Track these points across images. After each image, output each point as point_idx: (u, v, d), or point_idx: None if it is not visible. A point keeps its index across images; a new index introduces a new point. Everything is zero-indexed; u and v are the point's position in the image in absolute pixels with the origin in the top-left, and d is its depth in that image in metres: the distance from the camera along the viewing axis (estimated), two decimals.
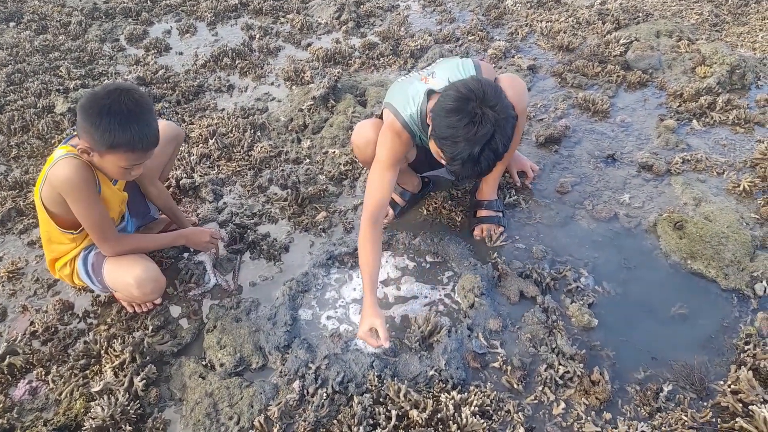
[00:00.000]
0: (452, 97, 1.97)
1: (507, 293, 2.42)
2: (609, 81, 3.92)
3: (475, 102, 1.92)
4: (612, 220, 2.77)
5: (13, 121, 3.76)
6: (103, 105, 1.91)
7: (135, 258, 2.25)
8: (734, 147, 3.23)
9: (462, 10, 5.33)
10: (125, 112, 1.92)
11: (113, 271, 2.23)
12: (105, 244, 2.20)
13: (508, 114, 1.96)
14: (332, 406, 2.00)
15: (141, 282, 2.18)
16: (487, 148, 1.94)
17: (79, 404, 2.04)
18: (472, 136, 1.92)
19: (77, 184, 2.00)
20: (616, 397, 2.01)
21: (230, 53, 4.65)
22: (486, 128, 1.91)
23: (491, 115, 1.91)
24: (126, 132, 1.93)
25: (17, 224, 2.99)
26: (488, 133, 1.91)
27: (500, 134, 1.94)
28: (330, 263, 2.64)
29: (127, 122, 1.93)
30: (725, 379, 2.02)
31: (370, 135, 2.46)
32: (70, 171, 1.98)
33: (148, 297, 2.28)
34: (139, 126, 1.96)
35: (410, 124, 2.28)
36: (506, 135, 1.96)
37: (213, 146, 3.48)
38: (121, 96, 1.93)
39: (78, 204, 2.05)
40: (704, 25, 4.66)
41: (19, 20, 5.63)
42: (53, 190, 2.05)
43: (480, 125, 1.91)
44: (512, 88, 2.23)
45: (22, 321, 2.46)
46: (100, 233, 2.16)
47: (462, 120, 1.93)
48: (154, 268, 2.26)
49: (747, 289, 2.37)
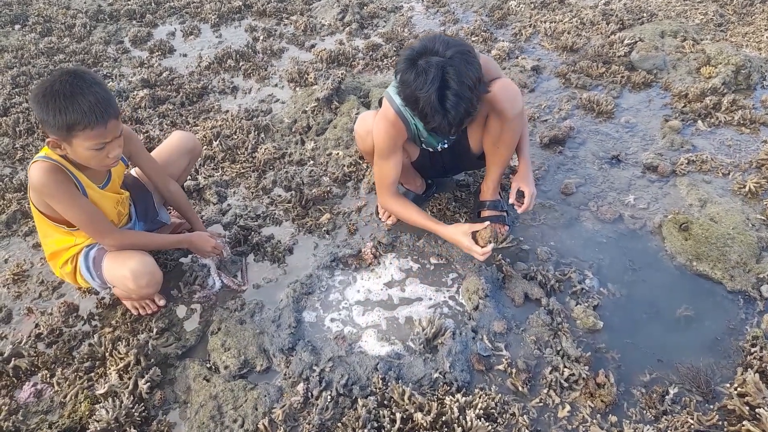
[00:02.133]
0: (402, 62, 2.00)
1: (512, 295, 2.41)
2: (613, 81, 3.91)
3: (422, 58, 1.94)
4: (617, 222, 2.76)
5: (18, 123, 3.77)
6: (46, 87, 1.88)
7: (132, 252, 2.24)
8: (740, 147, 3.22)
9: (465, 11, 5.33)
10: (68, 88, 1.88)
11: (110, 264, 2.23)
12: (103, 238, 2.20)
13: (456, 52, 1.92)
14: (336, 409, 2.00)
15: (136, 275, 2.17)
16: (445, 89, 1.91)
17: (83, 407, 2.04)
18: (422, 85, 1.92)
19: (49, 187, 1.99)
20: (622, 400, 2.00)
21: (234, 55, 4.66)
22: (431, 73, 1.90)
23: (435, 61, 1.90)
24: (75, 107, 1.87)
25: (22, 226, 3.00)
26: (436, 75, 1.89)
27: (452, 72, 1.90)
28: (334, 265, 2.64)
29: (72, 97, 1.87)
30: (732, 382, 2.01)
31: (371, 125, 2.49)
32: (40, 175, 1.97)
33: (144, 290, 2.25)
34: (87, 98, 1.88)
35: (403, 111, 2.28)
36: (460, 71, 1.91)
37: (217, 148, 3.48)
38: (62, 75, 1.90)
39: (60, 205, 2.04)
40: (709, 25, 4.65)
41: (24, 23, 5.65)
42: (36, 195, 2.06)
43: (425, 73, 1.91)
44: (504, 91, 2.21)
45: (27, 323, 2.46)
46: (92, 229, 2.15)
47: (411, 77, 1.95)
48: (151, 262, 2.25)
49: (753, 290, 2.35)
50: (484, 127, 2.43)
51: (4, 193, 3.22)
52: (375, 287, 2.51)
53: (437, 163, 2.69)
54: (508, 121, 2.30)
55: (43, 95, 1.88)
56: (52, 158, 2.02)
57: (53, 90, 1.87)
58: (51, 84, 1.89)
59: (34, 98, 1.91)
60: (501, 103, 2.22)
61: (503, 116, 2.28)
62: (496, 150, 2.47)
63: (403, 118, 2.30)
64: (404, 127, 2.32)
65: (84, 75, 1.94)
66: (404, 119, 2.30)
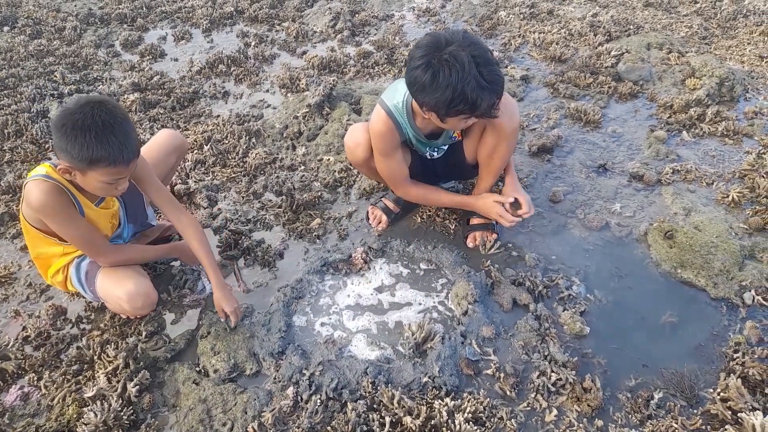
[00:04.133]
0: (422, 69, 1.96)
1: (500, 301, 2.44)
2: (600, 92, 3.98)
3: (438, 55, 1.92)
4: (603, 229, 2.81)
5: (6, 125, 3.75)
6: (76, 120, 1.81)
7: (127, 272, 2.23)
8: (723, 158, 3.28)
9: (456, 20, 5.39)
10: (100, 125, 1.83)
11: (105, 283, 2.22)
12: (98, 257, 2.20)
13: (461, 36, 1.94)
14: (326, 413, 2.00)
15: (132, 297, 2.17)
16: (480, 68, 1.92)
17: (71, 410, 2.03)
18: (462, 75, 1.90)
19: (50, 208, 1.96)
20: (608, 404, 2.02)
21: (225, 60, 4.67)
22: (463, 61, 1.89)
23: (455, 50, 1.90)
24: (104, 145, 1.83)
25: (10, 229, 2.98)
26: (469, 60, 1.89)
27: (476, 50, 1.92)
28: (324, 270, 2.65)
29: (103, 135, 1.83)
30: (715, 387, 2.05)
31: (360, 137, 2.52)
32: (39, 195, 1.93)
33: (139, 312, 2.27)
34: (117, 138, 1.86)
35: (394, 113, 2.33)
36: (480, 47, 1.93)
37: (208, 152, 3.48)
38: (93, 109, 1.84)
39: (57, 226, 2.02)
40: (694, 38, 4.75)
41: (13, 25, 5.62)
42: (31, 212, 2.02)
43: (457, 63, 1.90)
44: (503, 106, 2.22)
45: (15, 326, 2.44)
46: (89, 248, 2.15)
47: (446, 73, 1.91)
48: (146, 284, 2.25)
49: (736, 298, 2.40)
50: (480, 138, 2.47)
51: None
52: (365, 292, 2.53)
53: (430, 171, 2.72)
54: (505, 135, 2.35)
55: (72, 128, 1.81)
56: (53, 178, 1.99)
57: (84, 124, 1.81)
58: (81, 117, 1.82)
59: (60, 128, 1.83)
60: (499, 118, 2.26)
61: (500, 130, 2.33)
62: (490, 161, 2.51)
63: (394, 119, 2.34)
64: (394, 127, 2.36)
65: (115, 112, 1.89)
66: (395, 121, 2.34)
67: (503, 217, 2.48)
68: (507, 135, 2.34)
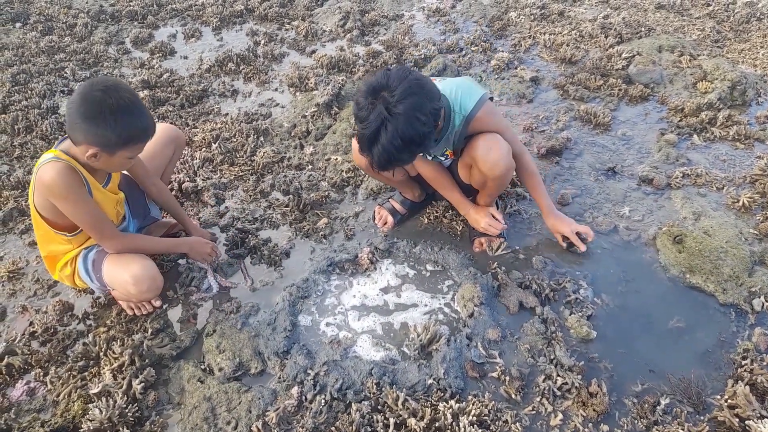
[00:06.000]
0: (364, 86, 2.03)
1: (506, 303, 2.42)
2: (611, 94, 3.95)
3: (377, 94, 1.96)
4: (612, 233, 2.79)
5: (17, 121, 3.77)
6: (111, 104, 1.90)
7: (134, 256, 2.25)
8: (734, 162, 3.25)
9: (466, 20, 5.38)
10: (129, 105, 1.95)
11: (111, 268, 2.24)
12: (106, 241, 2.21)
13: (406, 108, 1.92)
14: (330, 413, 2.00)
15: (138, 279, 2.19)
16: (377, 136, 1.96)
17: (77, 406, 2.04)
18: (363, 120, 1.98)
19: (63, 187, 1.99)
20: (614, 410, 2.01)
21: (235, 58, 4.68)
22: (371, 119, 1.95)
23: (380, 109, 1.93)
24: (139, 122, 1.98)
25: (19, 224, 3.00)
26: (375, 122, 1.94)
27: (390, 127, 1.93)
28: (330, 270, 2.64)
29: (137, 113, 1.97)
30: (722, 394, 2.03)
31: None
32: (53, 174, 1.97)
33: (145, 295, 2.27)
34: (145, 113, 2.01)
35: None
36: (396, 129, 1.92)
37: (216, 150, 3.49)
38: (118, 91, 1.94)
39: (68, 206, 2.05)
40: (706, 41, 4.71)
41: (25, 21, 5.66)
42: (42, 196, 2.05)
43: (368, 112, 1.96)
44: (486, 155, 2.27)
45: (22, 321, 2.46)
46: (98, 231, 2.17)
47: (362, 103, 1.99)
48: (152, 267, 2.26)
49: (745, 304, 2.38)
50: (470, 170, 2.50)
51: (1, 190, 3.22)
52: (371, 292, 2.52)
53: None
54: (490, 179, 2.38)
55: (110, 112, 1.90)
56: (63, 159, 2.02)
57: (119, 107, 1.91)
58: (114, 102, 1.90)
59: (96, 116, 1.90)
60: (480, 164, 2.30)
61: (485, 175, 2.35)
62: (483, 190, 2.56)
63: None
64: None
65: (129, 89, 2.01)
66: None
67: (492, 226, 2.55)
68: (491, 180, 2.38)
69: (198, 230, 2.70)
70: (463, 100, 2.25)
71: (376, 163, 2.04)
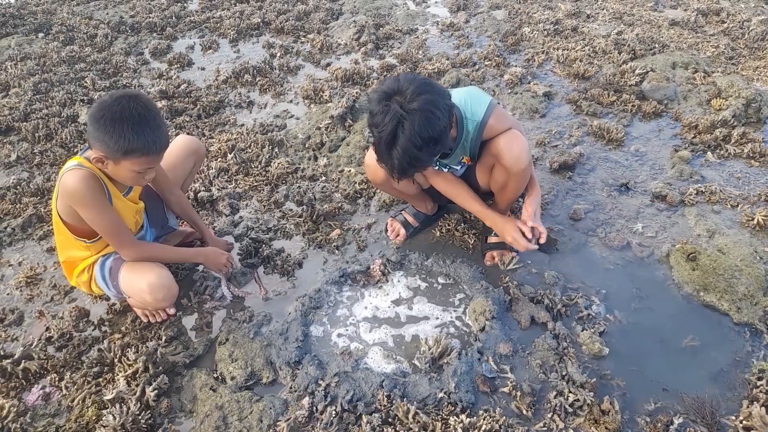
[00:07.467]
0: (376, 93, 2.04)
1: (518, 318, 2.42)
2: (624, 110, 3.96)
3: (391, 98, 1.97)
4: (624, 249, 2.78)
5: (37, 129, 3.85)
6: (115, 112, 1.94)
7: (150, 265, 2.29)
8: (749, 180, 3.24)
9: (479, 35, 5.41)
10: (137, 117, 1.96)
11: (128, 276, 2.27)
12: (123, 249, 2.25)
13: (420, 105, 1.93)
14: (341, 425, 2.01)
15: (154, 288, 2.22)
16: (395, 139, 1.96)
17: (91, 411, 2.06)
18: (379, 124, 1.98)
19: (85, 194, 2.03)
20: (626, 428, 2.00)
21: (251, 70, 4.74)
22: (387, 121, 1.95)
23: (395, 109, 1.94)
24: (140, 136, 1.96)
25: (37, 230, 3.05)
26: (391, 122, 1.94)
27: (407, 126, 1.93)
28: (342, 281, 2.66)
29: (139, 127, 1.96)
30: (737, 414, 2.01)
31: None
32: (76, 181, 2.02)
33: (160, 304, 2.30)
34: (151, 129, 1.99)
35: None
36: (414, 128, 1.93)
37: (231, 161, 3.54)
38: (130, 102, 1.97)
39: (88, 212, 2.09)
40: (720, 58, 4.70)
41: (47, 31, 5.78)
42: (65, 202, 2.10)
43: (383, 115, 1.96)
44: (509, 148, 2.26)
45: (38, 326, 2.49)
46: (116, 239, 2.20)
47: (376, 109, 1.99)
48: (168, 276, 2.29)
49: (760, 323, 2.36)
50: (491, 173, 2.48)
51: (21, 196, 3.28)
52: (382, 304, 2.53)
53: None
54: (512, 175, 2.35)
55: (111, 119, 1.94)
56: (86, 166, 2.08)
57: (121, 116, 1.94)
58: (119, 110, 1.94)
59: (98, 120, 1.95)
60: (505, 159, 2.28)
61: (507, 170, 2.33)
62: (502, 192, 2.52)
63: None
64: None
65: (149, 105, 2.03)
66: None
67: (518, 242, 2.41)
68: (514, 175, 2.35)
69: (215, 240, 2.73)
70: (474, 106, 2.28)
71: (397, 168, 2.04)
